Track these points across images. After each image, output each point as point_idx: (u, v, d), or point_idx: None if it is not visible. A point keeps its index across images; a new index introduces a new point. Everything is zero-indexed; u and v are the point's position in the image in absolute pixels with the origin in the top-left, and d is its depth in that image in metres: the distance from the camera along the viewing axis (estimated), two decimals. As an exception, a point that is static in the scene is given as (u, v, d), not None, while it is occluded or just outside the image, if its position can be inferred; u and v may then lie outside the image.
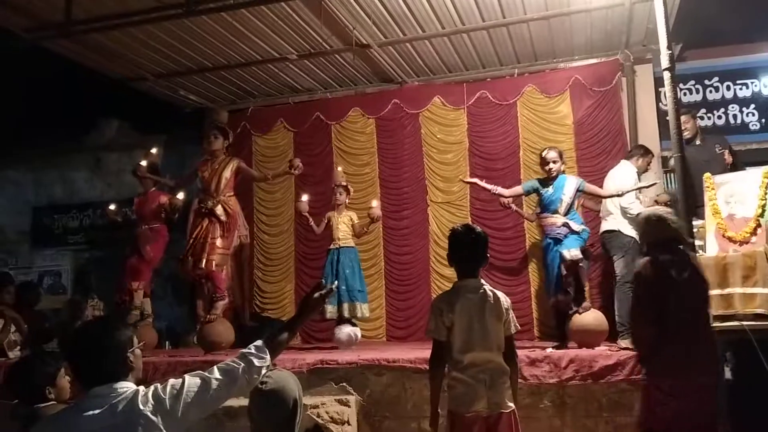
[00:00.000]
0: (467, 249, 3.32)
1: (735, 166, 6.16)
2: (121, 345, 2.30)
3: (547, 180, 5.64)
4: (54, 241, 10.32)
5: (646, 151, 6.22)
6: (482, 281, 3.34)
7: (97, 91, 8.74)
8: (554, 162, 5.56)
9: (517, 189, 6.07)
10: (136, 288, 6.69)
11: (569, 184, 5.50)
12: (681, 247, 3.82)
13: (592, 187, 5.81)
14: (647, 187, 5.77)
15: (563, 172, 5.67)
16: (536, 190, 5.69)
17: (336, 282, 3.01)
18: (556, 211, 5.46)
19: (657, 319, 3.60)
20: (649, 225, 3.92)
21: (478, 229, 3.40)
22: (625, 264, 5.70)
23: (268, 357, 2.43)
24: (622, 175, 5.98)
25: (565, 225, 5.38)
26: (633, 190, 5.66)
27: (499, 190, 6.00)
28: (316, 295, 2.66)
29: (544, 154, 5.68)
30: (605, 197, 5.90)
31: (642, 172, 6.15)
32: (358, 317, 6.67)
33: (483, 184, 6.02)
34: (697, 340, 3.56)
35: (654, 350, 3.63)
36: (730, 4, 7.35)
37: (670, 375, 3.53)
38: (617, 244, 5.74)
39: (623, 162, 6.23)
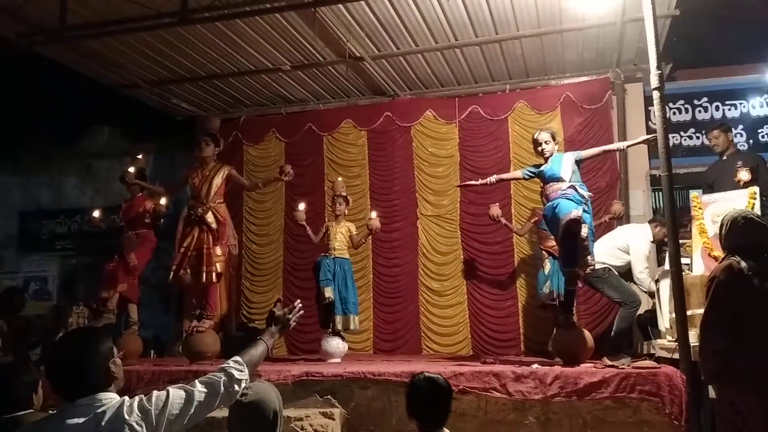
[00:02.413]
0: (428, 401, 2.99)
1: (750, 184, 5.74)
2: (102, 356, 2.28)
3: (543, 163, 5.48)
4: (41, 247, 10.25)
5: (658, 222, 6.12)
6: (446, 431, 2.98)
7: (90, 97, 8.72)
8: (546, 143, 5.42)
9: (516, 173, 5.93)
10: (111, 295, 6.63)
11: (567, 157, 5.38)
12: (767, 255, 3.47)
13: (588, 151, 5.72)
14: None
15: (556, 152, 5.49)
16: (536, 173, 5.51)
17: (300, 303, 2.96)
18: (560, 179, 5.25)
19: (733, 330, 3.32)
20: (735, 227, 3.60)
21: (441, 379, 3.08)
22: (613, 288, 5.71)
23: (246, 370, 2.51)
24: (640, 238, 5.97)
25: (572, 187, 5.18)
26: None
27: (495, 177, 5.84)
28: (279, 312, 2.79)
29: (536, 135, 5.54)
30: (605, 152, 5.96)
31: (657, 241, 6.10)
32: (351, 329, 6.66)
33: (478, 182, 5.89)
34: None
35: (727, 366, 3.35)
36: (720, 26, 7.44)
37: (748, 394, 3.29)
38: (591, 280, 5.70)
39: (645, 225, 6.20)
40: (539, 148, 5.47)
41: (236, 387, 2.45)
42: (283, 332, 2.88)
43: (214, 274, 6.10)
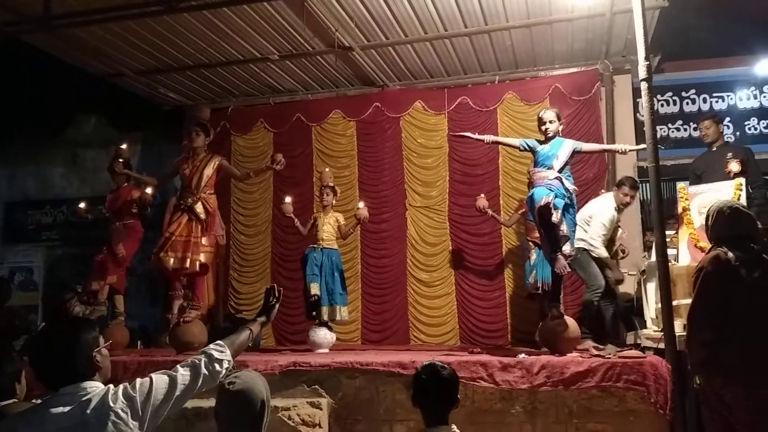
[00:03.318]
0: (433, 391, 2.92)
1: (739, 175, 5.69)
2: (86, 346, 2.29)
3: (544, 141, 5.45)
4: (27, 237, 10.17)
5: (618, 184, 6.07)
6: (454, 428, 2.88)
7: (76, 86, 8.63)
8: (550, 122, 5.39)
9: (513, 141, 5.83)
10: (101, 286, 6.59)
11: (566, 145, 5.36)
12: (754, 245, 3.48)
13: (589, 145, 5.76)
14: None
15: (560, 133, 5.49)
16: (532, 149, 5.48)
17: (281, 290, 3.03)
18: (550, 167, 5.26)
19: (720, 321, 3.33)
20: (720, 217, 3.61)
21: (446, 370, 3.00)
22: (581, 268, 5.74)
23: (227, 351, 2.53)
24: (601, 206, 5.95)
25: (558, 179, 5.18)
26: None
27: (491, 138, 5.85)
28: (272, 300, 2.90)
29: (541, 114, 5.52)
30: (605, 151, 6.05)
31: (620, 204, 5.98)
32: (337, 320, 6.65)
33: (474, 136, 5.76)
34: (766, 347, 3.27)
35: (714, 356, 3.36)
36: (709, 17, 7.46)
37: (735, 385, 3.31)
38: None
39: (609, 193, 6.18)
40: (543, 127, 5.44)
41: (217, 367, 2.46)
42: (270, 320, 2.92)
43: (198, 263, 6.05)
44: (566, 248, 5.05)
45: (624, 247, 6.47)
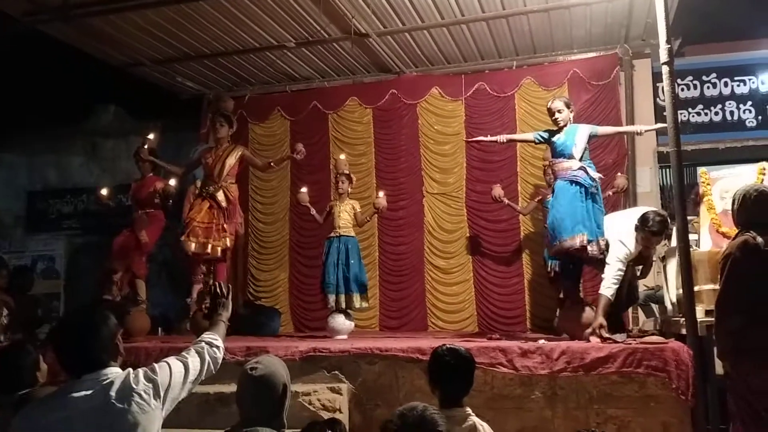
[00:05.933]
0: (450, 372, 3.02)
1: None
2: (110, 332, 2.35)
3: (558, 131, 5.38)
4: (48, 226, 10.28)
5: (641, 221, 5.05)
6: (468, 410, 2.97)
7: (94, 76, 8.69)
8: (559, 111, 5.34)
9: (527, 136, 5.86)
10: (121, 267, 6.66)
11: (581, 131, 5.28)
12: None
13: (605, 128, 5.69)
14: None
15: (572, 121, 5.41)
16: (547, 140, 5.42)
17: (229, 285, 3.11)
18: (570, 156, 5.19)
19: (748, 307, 3.30)
20: (747, 202, 3.55)
21: (463, 350, 3.13)
22: None
23: (220, 339, 2.74)
24: (627, 235, 5.14)
25: (582, 169, 5.11)
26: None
27: (505, 137, 5.78)
28: (220, 300, 2.96)
29: (549, 104, 5.48)
30: (622, 133, 6.01)
31: (641, 245, 5.14)
32: (354, 308, 6.62)
33: (487, 138, 5.79)
34: None
35: (742, 343, 3.35)
36: (729, 0, 7.35)
37: (762, 371, 3.29)
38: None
39: (633, 228, 5.24)
40: (553, 118, 5.41)
41: (217, 353, 2.66)
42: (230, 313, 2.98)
43: (219, 249, 6.12)
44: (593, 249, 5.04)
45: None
